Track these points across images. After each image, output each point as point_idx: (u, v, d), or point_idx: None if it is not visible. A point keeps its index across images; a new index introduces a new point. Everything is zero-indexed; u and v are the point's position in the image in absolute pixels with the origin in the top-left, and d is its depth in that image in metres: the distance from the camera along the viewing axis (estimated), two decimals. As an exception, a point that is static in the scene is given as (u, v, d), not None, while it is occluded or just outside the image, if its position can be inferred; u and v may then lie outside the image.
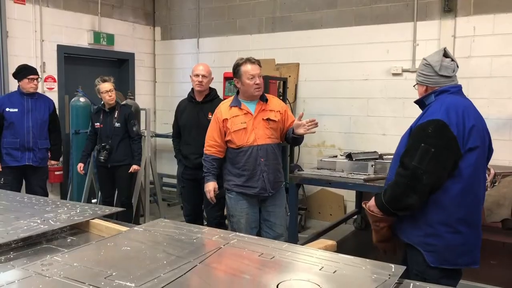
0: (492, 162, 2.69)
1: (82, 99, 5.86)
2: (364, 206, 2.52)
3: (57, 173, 5.90)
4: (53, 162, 5.35)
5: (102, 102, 5.03)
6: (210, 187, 3.58)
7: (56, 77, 6.22)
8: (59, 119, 5.38)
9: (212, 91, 4.37)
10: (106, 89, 4.88)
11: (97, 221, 2.28)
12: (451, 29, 5.21)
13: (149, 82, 7.71)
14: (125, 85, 7.05)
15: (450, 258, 2.32)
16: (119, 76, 7.09)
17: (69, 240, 2.12)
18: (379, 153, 4.72)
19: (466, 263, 2.36)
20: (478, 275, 2.89)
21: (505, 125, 4.96)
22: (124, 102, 5.35)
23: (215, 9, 7.00)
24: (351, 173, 4.38)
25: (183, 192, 4.51)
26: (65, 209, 2.47)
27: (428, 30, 5.37)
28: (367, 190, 4.51)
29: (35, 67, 5.16)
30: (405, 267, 1.67)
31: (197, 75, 4.22)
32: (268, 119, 3.45)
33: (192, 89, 4.36)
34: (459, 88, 2.47)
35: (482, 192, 2.42)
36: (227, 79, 5.55)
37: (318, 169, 4.66)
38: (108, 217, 2.40)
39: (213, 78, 4.39)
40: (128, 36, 7.23)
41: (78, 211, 2.42)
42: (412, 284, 1.60)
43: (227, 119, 3.46)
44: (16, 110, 4.86)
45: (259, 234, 3.52)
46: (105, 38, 6.74)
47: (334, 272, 1.63)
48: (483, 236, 2.42)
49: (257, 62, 3.47)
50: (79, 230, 2.26)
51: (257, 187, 3.46)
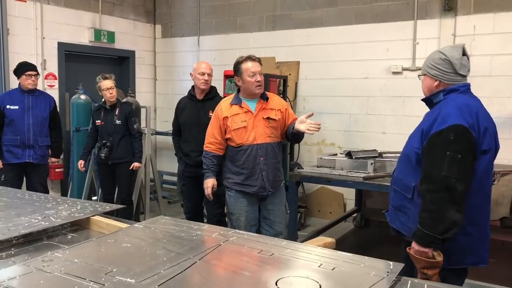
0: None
1: (82, 97, 5.87)
2: (409, 252, 2.26)
3: (57, 170, 5.91)
4: (53, 159, 5.36)
5: (103, 100, 5.04)
6: (209, 183, 3.58)
7: (56, 74, 6.22)
8: (59, 116, 5.39)
9: (213, 89, 4.37)
10: (107, 86, 4.89)
11: (97, 218, 2.29)
12: (451, 27, 5.21)
13: (150, 80, 7.72)
14: (125, 82, 7.06)
15: (459, 259, 2.31)
16: (120, 74, 7.10)
17: (69, 237, 2.13)
18: (378, 151, 4.73)
19: (474, 262, 2.35)
20: (477, 273, 2.89)
21: (504, 123, 4.96)
22: (124, 100, 5.36)
23: (216, 7, 7.01)
24: (350, 171, 4.39)
25: (184, 189, 4.52)
26: (66, 206, 2.48)
27: (428, 29, 5.37)
28: (366, 188, 4.53)
29: (35, 64, 5.17)
30: (403, 265, 1.68)
31: (202, 73, 4.21)
32: (268, 118, 3.46)
33: (193, 86, 4.36)
34: (468, 86, 2.43)
35: (490, 191, 2.39)
36: (227, 77, 5.55)
37: (317, 167, 4.68)
38: (108, 214, 2.41)
39: (212, 76, 4.39)
40: (129, 33, 7.24)
41: (79, 208, 2.43)
42: (410, 282, 1.61)
43: (227, 117, 3.46)
44: (16, 107, 4.87)
45: (258, 232, 3.53)
46: (105, 35, 6.74)
47: (333, 269, 1.64)
48: None
49: (258, 60, 3.47)
50: (79, 226, 2.27)
51: (256, 185, 3.47)
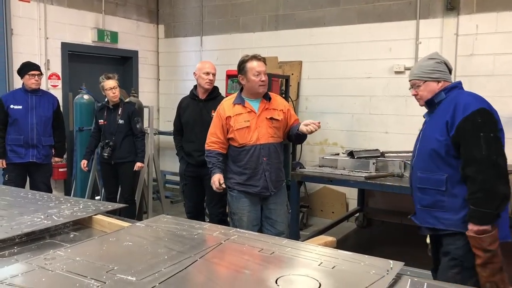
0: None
1: (86, 96, 5.89)
2: (470, 236, 2.40)
3: (61, 170, 5.94)
4: (57, 159, 5.38)
5: (106, 99, 5.05)
6: (215, 178, 3.47)
7: (60, 74, 6.25)
8: (63, 116, 5.40)
9: (215, 89, 4.38)
10: (110, 86, 4.91)
11: (99, 217, 2.31)
12: (454, 27, 5.20)
13: (153, 80, 7.73)
14: (128, 82, 7.08)
15: (504, 233, 2.47)
16: (123, 74, 7.11)
17: (72, 236, 2.15)
18: (381, 151, 4.74)
19: (502, 237, 2.46)
20: None
21: (506, 123, 4.85)
22: (127, 100, 5.38)
23: (219, 7, 7.02)
24: (352, 171, 4.39)
25: (185, 189, 4.53)
26: (68, 205, 2.50)
27: (431, 28, 5.36)
28: (368, 188, 4.53)
29: (39, 64, 5.19)
30: (403, 263, 1.69)
31: (207, 73, 4.22)
32: (271, 118, 3.46)
33: (195, 86, 4.37)
34: (461, 83, 2.70)
35: None
36: (229, 77, 5.56)
37: (320, 166, 4.69)
38: (111, 214, 2.42)
39: (215, 76, 4.41)
40: (132, 33, 7.26)
41: (81, 207, 2.45)
42: (410, 280, 1.61)
43: (230, 116, 3.46)
44: (20, 107, 4.89)
45: (260, 232, 3.53)
46: (109, 35, 6.77)
47: (333, 268, 1.65)
48: None
49: (263, 59, 3.48)
50: (82, 225, 2.29)
51: (259, 186, 3.47)
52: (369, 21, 5.77)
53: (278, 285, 1.48)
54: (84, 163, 5.11)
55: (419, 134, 2.75)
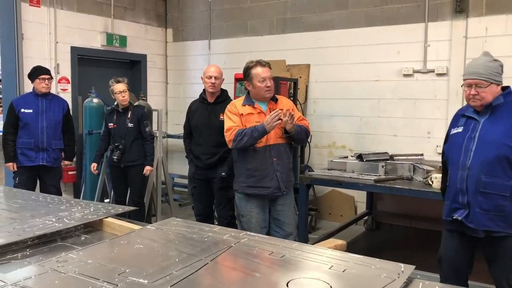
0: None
1: (95, 100, 5.93)
2: None
3: (70, 173, 5.97)
4: (66, 162, 5.42)
5: (116, 103, 5.09)
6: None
7: (69, 78, 6.30)
8: (72, 119, 5.44)
9: (224, 92, 4.39)
10: (120, 89, 4.94)
11: (110, 219, 2.32)
12: (463, 29, 5.17)
13: (161, 83, 7.77)
14: (137, 86, 7.12)
15: None
16: (132, 77, 7.16)
17: (83, 238, 2.16)
18: (389, 153, 4.72)
19: None
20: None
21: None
22: (136, 103, 5.41)
23: (226, 10, 7.04)
24: (361, 174, 4.38)
25: (194, 192, 4.54)
26: (79, 208, 2.52)
27: (440, 31, 5.34)
28: (377, 191, 4.52)
29: (49, 68, 5.24)
30: (414, 267, 1.68)
31: (209, 77, 4.25)
32: (279, 119, 3.47)
33: (204, 90, 4.39)
34: None
35: None
36: (238, 80, 5.57)
37: (328, 169, 4.68)
38: (121, 216, 2.44)
39: (224, 79, 4.42)
40: (141, 37, 7.30)
41: (92, 210, 2.46)
42: (421, 284, 1.61)
43: (242, 114, 3.49)
44: (30, 110, 4.93)
45: (268, 234, 3.54)
46: (117, 39, 6.82)
47: (344, 271, 1.65)
48: None
49: (268, 65, 3.49)
50: (92, 228, 2.30)
51: (271, 186, 3.48)
52: (377, 24, 5.76)
53: (289, 288, 1.49)
54: (94, 166, 5.14)
55: (469, 135, 2.66)
